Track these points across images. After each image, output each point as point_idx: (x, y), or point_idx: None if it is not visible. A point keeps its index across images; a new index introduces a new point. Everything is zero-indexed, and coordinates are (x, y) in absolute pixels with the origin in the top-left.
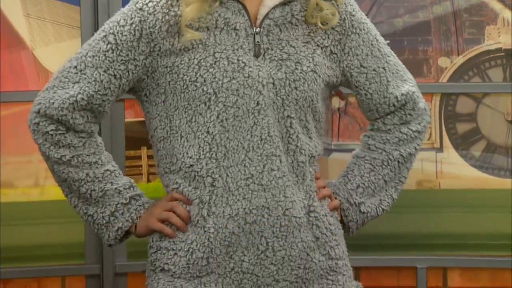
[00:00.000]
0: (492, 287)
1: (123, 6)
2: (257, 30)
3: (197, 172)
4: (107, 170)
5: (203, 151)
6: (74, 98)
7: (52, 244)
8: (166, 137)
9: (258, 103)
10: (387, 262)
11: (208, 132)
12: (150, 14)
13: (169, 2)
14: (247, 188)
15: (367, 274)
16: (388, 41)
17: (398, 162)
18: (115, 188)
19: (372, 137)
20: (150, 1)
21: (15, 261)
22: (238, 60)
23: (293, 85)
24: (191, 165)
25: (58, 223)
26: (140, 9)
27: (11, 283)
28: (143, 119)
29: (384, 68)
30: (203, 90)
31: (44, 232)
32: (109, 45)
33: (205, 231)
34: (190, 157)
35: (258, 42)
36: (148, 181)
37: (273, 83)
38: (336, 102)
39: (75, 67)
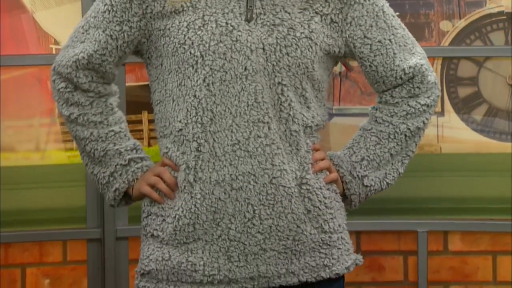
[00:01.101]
0: (493, 250)
1: None
2: None
3: (185, 136)
4: (112, 130)
5: (190, 115)
6: (77, 57)
7: (53, 208)
8: (162, 100)
9: (246, 68)
10: (388, 226)
11: (195, 96)
12: None
13: None
14: (234, 154)
15: (368, 238)
16: (397, 13)
17: (405, 135)
18: (117, 149)
19: (379, 110)
20: None
21: (16, 225)
22: (226, 23)
23: (284, 51)
24: (180, 129)
25: (59, 187)
26: None
27: (12, 247)
28: (144, 83)
29: (390, 40)
30: (190, 53)
31: (45, 196)
32: (106, 6)
33: (191, 197)
34: (180, 121)
35: (250, 6)
36: (149, 145)
37: (263, 48)
38: (338, 67)
39: (82, 27)
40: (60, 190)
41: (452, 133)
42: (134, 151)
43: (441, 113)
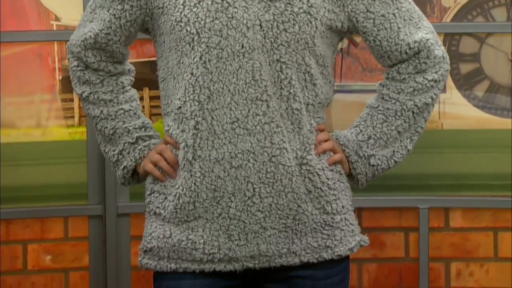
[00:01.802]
0: (494, 227)
1: None
2: None
3: (184, 114)
4: (122, 109)
5: (187, 93)
6: (85, 36)
7: (54, 185)
8: (165, 77)
9: (242, 46)
10: (389, 202)
11: (192, 73)
12: None
13: None
14: (233, 132)
15: (369, 215)
16: None
17: (413, 112)
18: (125, 127)
19: (386, 86)
20: None
21: (17, 201)
22: (222, 0)
23: (281, 27)
24: (179, 107)
25: (60, 163)
26: None
27: (13, 224)
28: (144, 59)
29: (394, 14)
30: (186, 30)
31: (46, 172)
32: None
33: (191, 175)
34: (179, 99)
35: None
36: None
37: (260, 25)
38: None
39: (90, 6)
40: (61, 167)
41: (453, 109)
42: (143, 129)
43: (443, 89)
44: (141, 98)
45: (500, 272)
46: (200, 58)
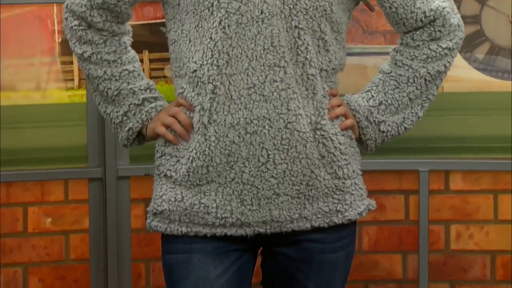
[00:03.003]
0: (494, 189)
1: None
2: None
3: (200, 78)
4: (126, 69)
5: (205, 57)
6: None
7: (54, 148)
8: (177, 40)
9: (262, 11)
10: (389, 165)
11: (211, 38)
12: None
13: None
14: (249, 98)
15: (369, 177)
16: None
17: (425, 79)
18: (130, 88)
19: (400, 52)
20: None
21: (18, 164)
22: None
23: None
24: (195, 70)
25: (60, 126)
26: None
27: (13, 186)
28: (144, 22)
29: None
30: None
31: (46, 135)
32: None
33: (205, 139)
34: (195, 62)
35: None
36: None
37: None
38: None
39: None
40: (61, 129)
41: (454, 72)
42: (148, 90)
43: None
44: (141, 61)
45: (500, 235)
46: (220, 23)
